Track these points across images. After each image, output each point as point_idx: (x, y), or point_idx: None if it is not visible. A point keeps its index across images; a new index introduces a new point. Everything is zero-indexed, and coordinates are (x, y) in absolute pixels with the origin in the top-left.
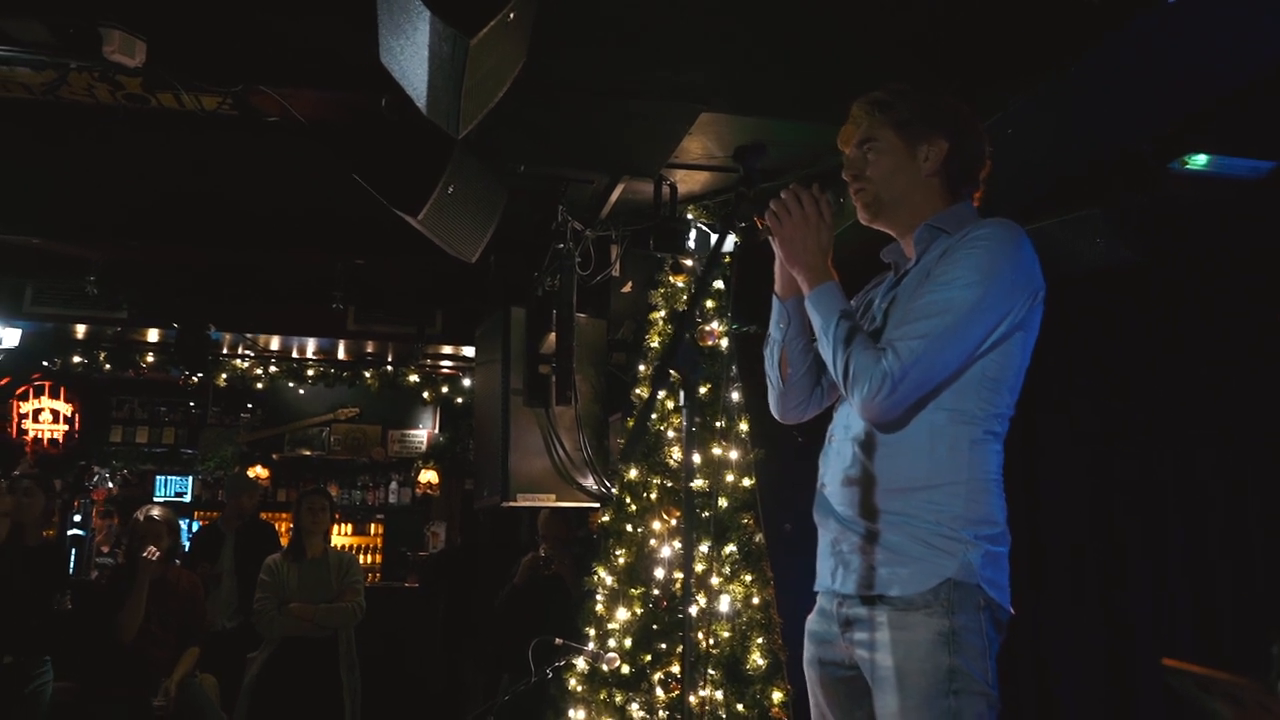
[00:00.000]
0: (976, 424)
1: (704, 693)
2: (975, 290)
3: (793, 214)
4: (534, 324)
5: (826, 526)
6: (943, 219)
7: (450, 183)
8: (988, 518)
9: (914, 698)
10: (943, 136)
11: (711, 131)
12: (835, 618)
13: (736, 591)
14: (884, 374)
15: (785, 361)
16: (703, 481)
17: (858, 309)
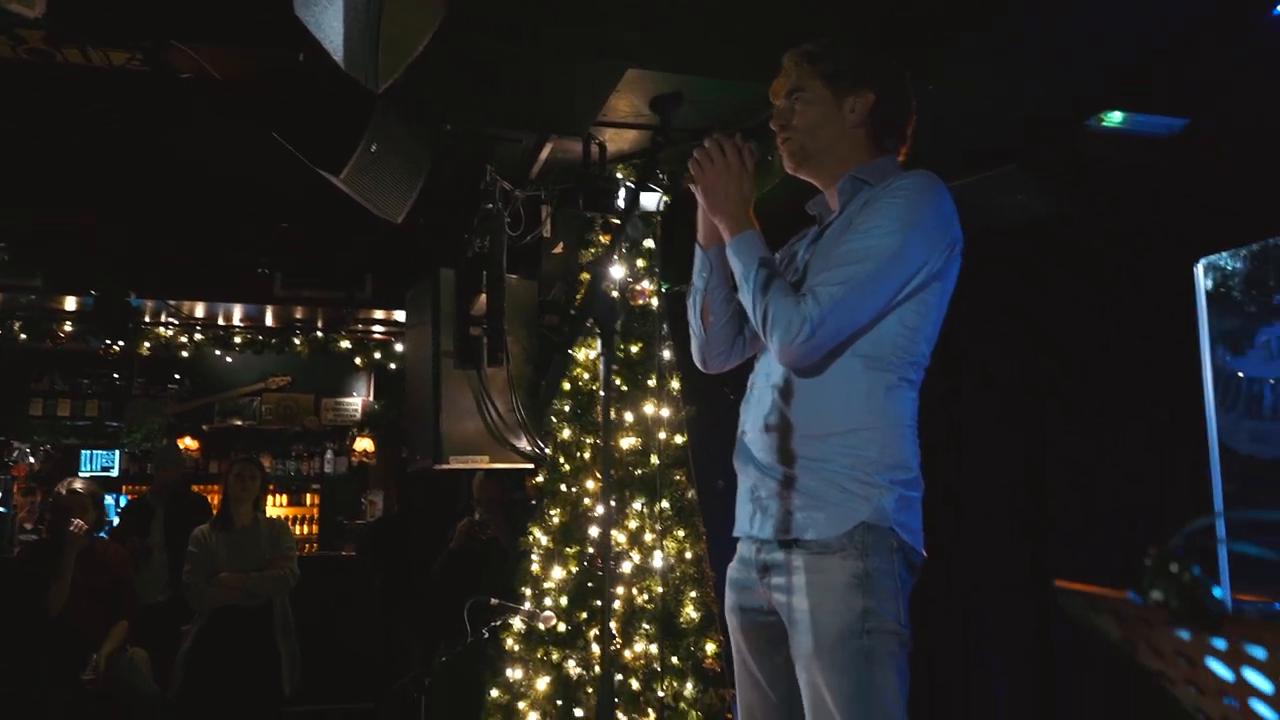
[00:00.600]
0: (892, 371)
1: (639, 647)
2: (895, 239)
3: (715, 162)
4: (464, 286)
5: (746, 473)
6: (866, 171)
7: (373, 141)
8: (902, 463)
9: (828, 638)
10: (870, 89)
11: (640, 89)
12: (754, 564)
13: (670, 547)
14: (803, 318)
15: (707, 310)
16: (635, 440)
17: (782, 260)
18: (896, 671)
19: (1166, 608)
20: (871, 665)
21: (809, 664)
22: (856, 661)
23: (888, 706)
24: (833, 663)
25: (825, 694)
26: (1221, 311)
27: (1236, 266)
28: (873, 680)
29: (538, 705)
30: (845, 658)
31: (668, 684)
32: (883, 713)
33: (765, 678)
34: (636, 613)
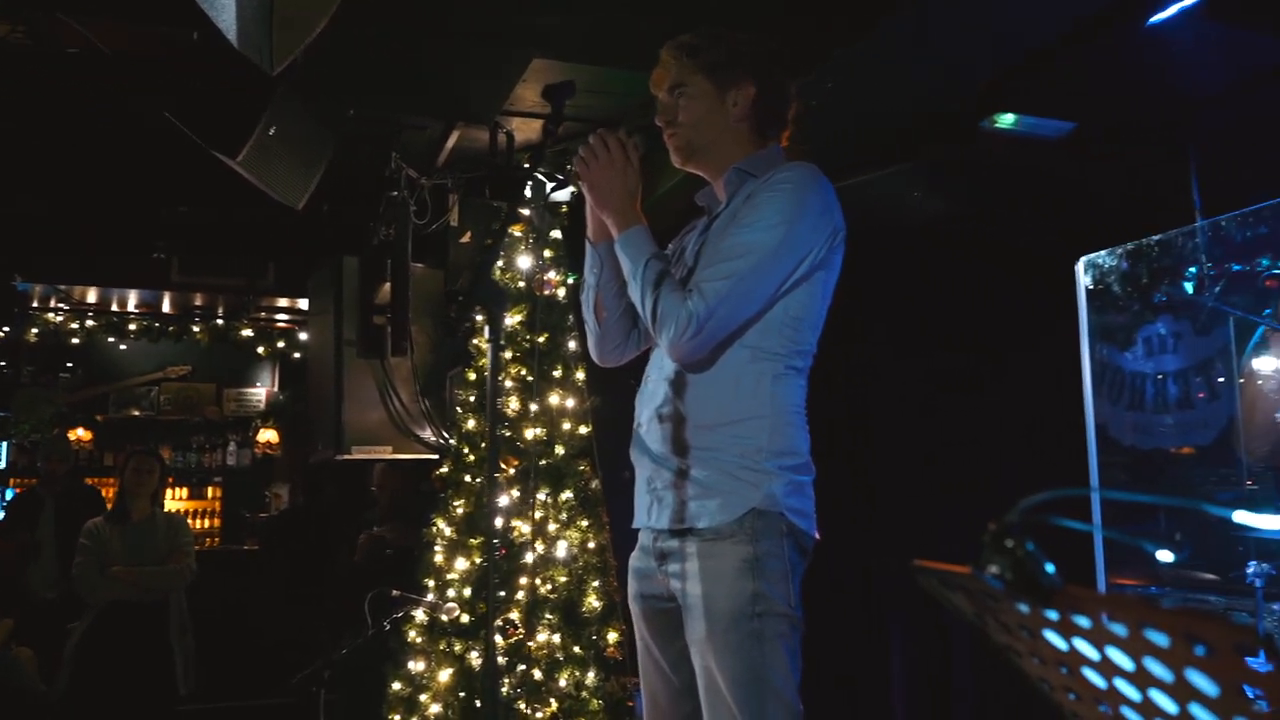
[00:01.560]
0: (779, 360)
1: (541, 637)
2: (777, 232)
3: (600, 158)
4: (368, 274)
5: (642, 465)
6: (750, 163)
7: (271, 124)
8: (791, 449)
9: (721, 622)
10: (750, 81)
11: (547, 79)
12: (652, 552)
13: (573, 537)
14: (690, 315)
15: (600, 306)
16: (541, 430)
17: (673, 254)
18: (787, 653)
19: (1003, 581)
20: (762, 647)
21: (702, 648)
22: (747, 644)
23: (777, 687)
24: (724, 646)
25: (717, 676)
26: (1104, 308)
27: (1113, 264)
28: (763, 662)
29: (439, 697)
30: (736, 640)
31: (570, 673)
32: (772, 693)
33: (668, 664)
34: (539, 602)
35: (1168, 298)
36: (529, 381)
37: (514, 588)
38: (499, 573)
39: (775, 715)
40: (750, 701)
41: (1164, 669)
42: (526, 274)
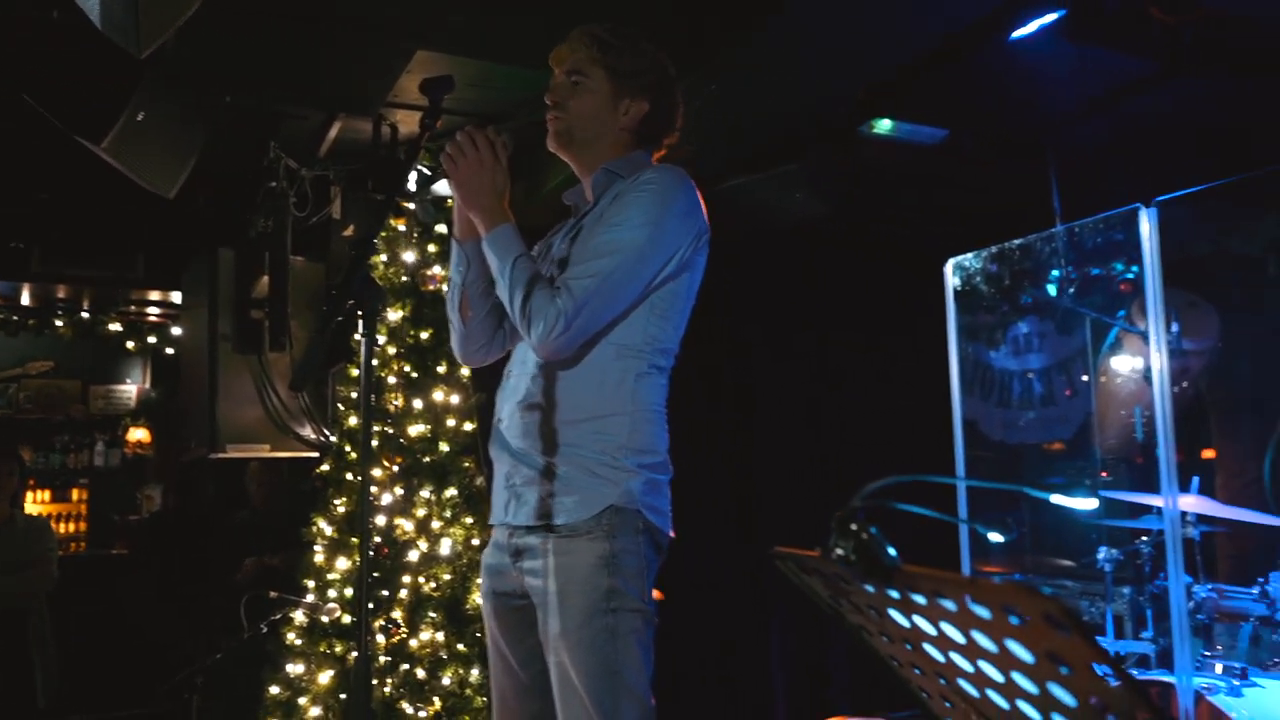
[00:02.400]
0: (642, 358)
1: (425, 635)
2: (644, 232)
3: (467, 156)
4: (245, 266)
5: (501, 460)
6: (619, 164)
7: (140, 109)
8: (650, 447)
9: (575, 618)
10: (646, 98)
11: (431, 72)
12: (507, 548)
13: (457, 534)
14: (558, 313)
15: (466, 305)
16: (425, 427)
17: (540, 252)
18: (640, 648)
19: (848, 563)
20: (615, 643)
21: (556, 644)
22: (600, 640)
23: (630, 682)
24: (578, 641)
25: (571, 672)
26: (973, 308)
27: (979, 266)
28: (616, 657)
29: (319, 700)
30: (590, 636)
31: (454, 671)
32: (625, 688)
33: (517, 661)
34: (423, 601)
35: (1033, 299)
36: (412, 378)
37: (397, 586)
38: (381, 572)
39: (628, 710)
40: (604, 696)
41: (988, 640)
42: (410, 268)
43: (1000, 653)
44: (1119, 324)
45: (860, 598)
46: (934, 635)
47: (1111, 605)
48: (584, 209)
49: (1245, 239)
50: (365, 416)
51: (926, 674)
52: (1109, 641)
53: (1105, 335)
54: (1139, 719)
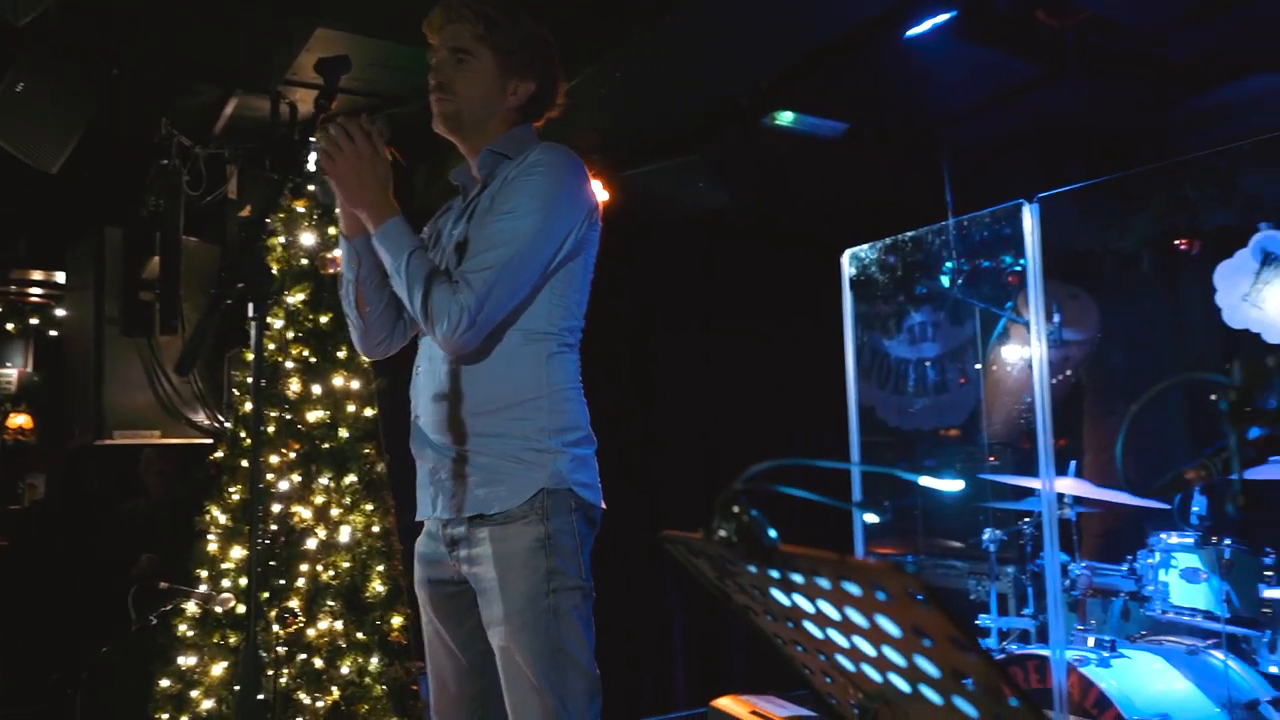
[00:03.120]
0: (550, 339)
1: (323, 624)
2: (536, 217)
3: (345, 151)
4: (134, 246)
5: (424, 457)
6: (504, 143)
7: (19, 80)
8: (572, 425)
9: (517, 602)
10: (533, 77)
11: (333, 50)
12: (441, 538)
13: (357, 521)
14: (461, 308)
15: (362, 300)
16: (324, 413)
17: (430, 237)
18: (581, 623)
19: (730, 545)
20: (559, 621)
21: (500, 629)
22: (544, 620)
23: (576, 657)
24: (522, 625)
25: (516, 655)
26: (871, 297)
27: (874, 257)
28: (561, 635)
29: (213, 692)
30: (533, 618)
31: (353, 660)
32: (572, 663)
33: (457, 644)
34: (321, 589)
35: (927, 289)
36: (311, 362)
37: (294, 575)
38: (278, 560)
39: (576, 684)
40: (551, 674)
41: (860, 616)
42: (310, 251)
43: (871, 628)
44: (1006, 315)
45: (744, 578)
46: (812, 613)
47: (996, 584)
48: (473, 189)
49: (1123, 235)
50: (256, 402)
51: (808, 651)
52: (993, 618)
53: (994, 325)
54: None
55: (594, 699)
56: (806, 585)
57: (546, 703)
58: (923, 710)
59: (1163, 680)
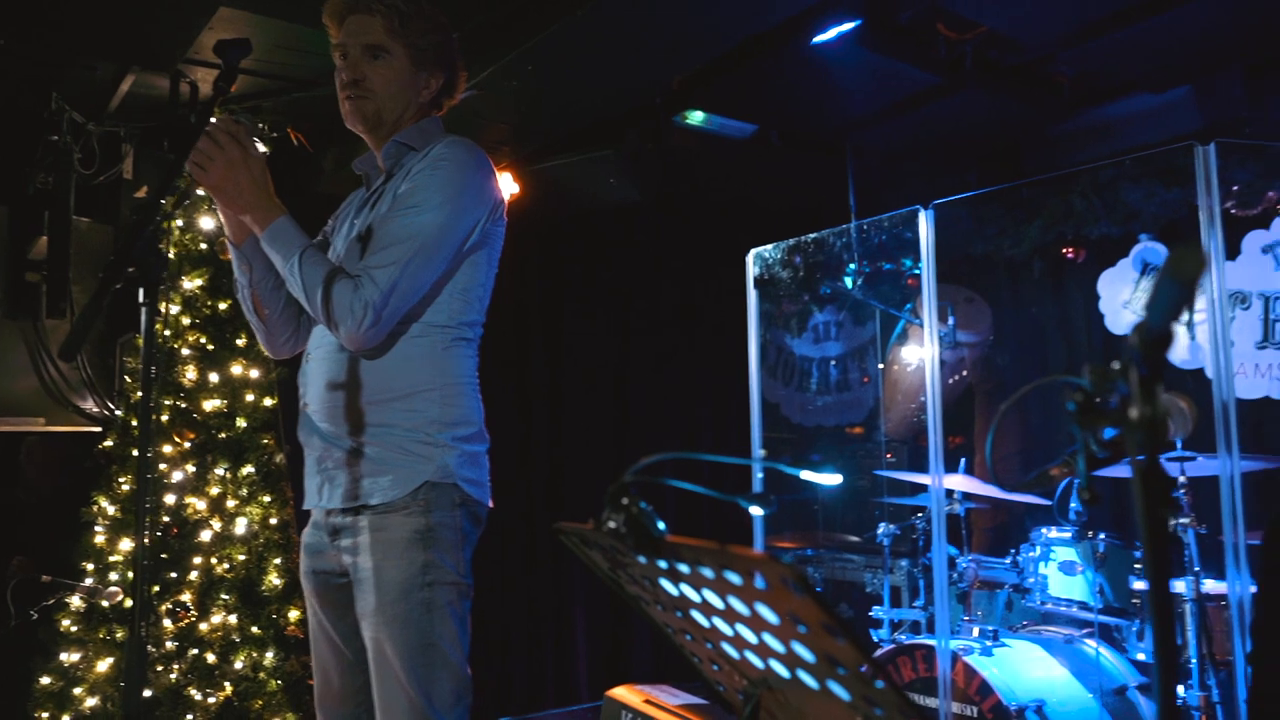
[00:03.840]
0: (448, 332)
1: (216, 618)
2: (441, 213)
3: (216, 159)
4: (21, 226)
5: (311, 445)
6: (410, 135)
7: None
8: (464, 419)
9: (391, 593)
10: (441, 71)
11: (236, 30)
12: (325, 528)
13: (254, 513)
14: (365, 304)
15: (260, 304)
16: (221, 402)
17: (333, 229)
18: (456, 620)
19: (620, 536)
20: (431, 616)
21: (373, 620)
22: (416, 614)
23: (447, 655)
24: (394, 616)
25: (386, 647)
26: (776, 296)
27: (778, 257)
28: (432, 630)
29: (98, 689)
30: (406, 611)
31: (247, 654)
32: (441, 660)
33: (340, 637)
34: (215, 583)
35: (831, 290)
36: (209, 350)
37: (187, 568)
38: (170, 553)
39: (443, 682)
40: (419, 670)
41: (742, 604)
42: (210, 235)
43: (752, 615)
44: (905, 317)
45: (635, 569)
46: (698, 602)
47: (890, 577)
48: (376, 179)
49: (1016, 242)
50: (145, 389)
51: (696, 639)
52: (886, 610)
53: (895, 326)
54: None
55: (462, 698)
56: (692, 575)
57: (413, 699)
58: (801, 694)
59: (1041, 668)
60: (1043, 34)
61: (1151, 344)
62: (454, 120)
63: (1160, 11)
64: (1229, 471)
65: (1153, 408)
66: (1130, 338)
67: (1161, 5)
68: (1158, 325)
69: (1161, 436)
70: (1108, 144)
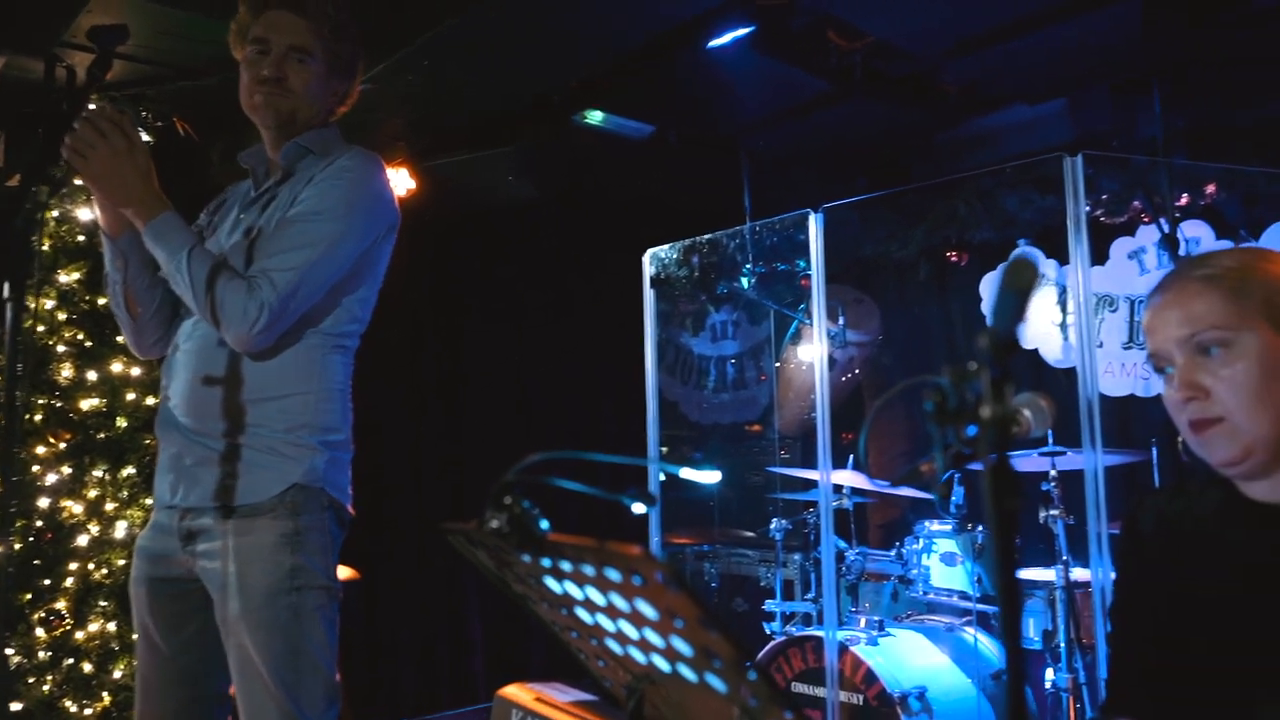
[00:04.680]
0: (328, 339)
1: (94, 626)
2: (341, 223)
3: (98, 148)
4: None
5: (170, 440)
6: (311, 139)
7: None
8: (335, 425)
9: (257, 598)
10: (350, 79)
11: (116, 14)
12: (175, 532)
13: (135, 516)
14: (261, 305)
15: (133, 301)
16: (99, 400)
17: (215, 221)
18: (325, 624)
19: (503, 535)
20: (300, 621)
21: (236, 626)
22: (284, 619)
23: (316, 660)
24: (260, 622)
25: (253, 653)
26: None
27: (674, 257)
28: (301, 635)
29: None
30: (273, 616)
31: (126, 663)
32: (310, 666)
33: (171, 650)
34: (92, 589)
35: (728, 290)
36: (86, 346)
37: (62, 575)
38: (43, 559)
39: (313, 687)
40: (287, 675)
41: (623, 600)
42: (87, 227)
43: (632, 612)
44: (798, 317)
45: (520, 567)
46: (582, 599)
47: (783, 570)
48: (269, 177)
49: (903, 245)
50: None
51: (582, 636)
52: (779, 603)
53: (789, 326)
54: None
55: (333, 704)
56: (574, 573)
57: (283, 706)
58: (682, 688)
59: (923, 656)
60: (929, 46)
61: (999, 348)
62: (351, 113)
63: (1037, 29)
64: (1093, 466)
65: (1003, 407)
66: (979, 342)
67: (1038, 23)
68: (1003, 331)
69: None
70: (989, 152)
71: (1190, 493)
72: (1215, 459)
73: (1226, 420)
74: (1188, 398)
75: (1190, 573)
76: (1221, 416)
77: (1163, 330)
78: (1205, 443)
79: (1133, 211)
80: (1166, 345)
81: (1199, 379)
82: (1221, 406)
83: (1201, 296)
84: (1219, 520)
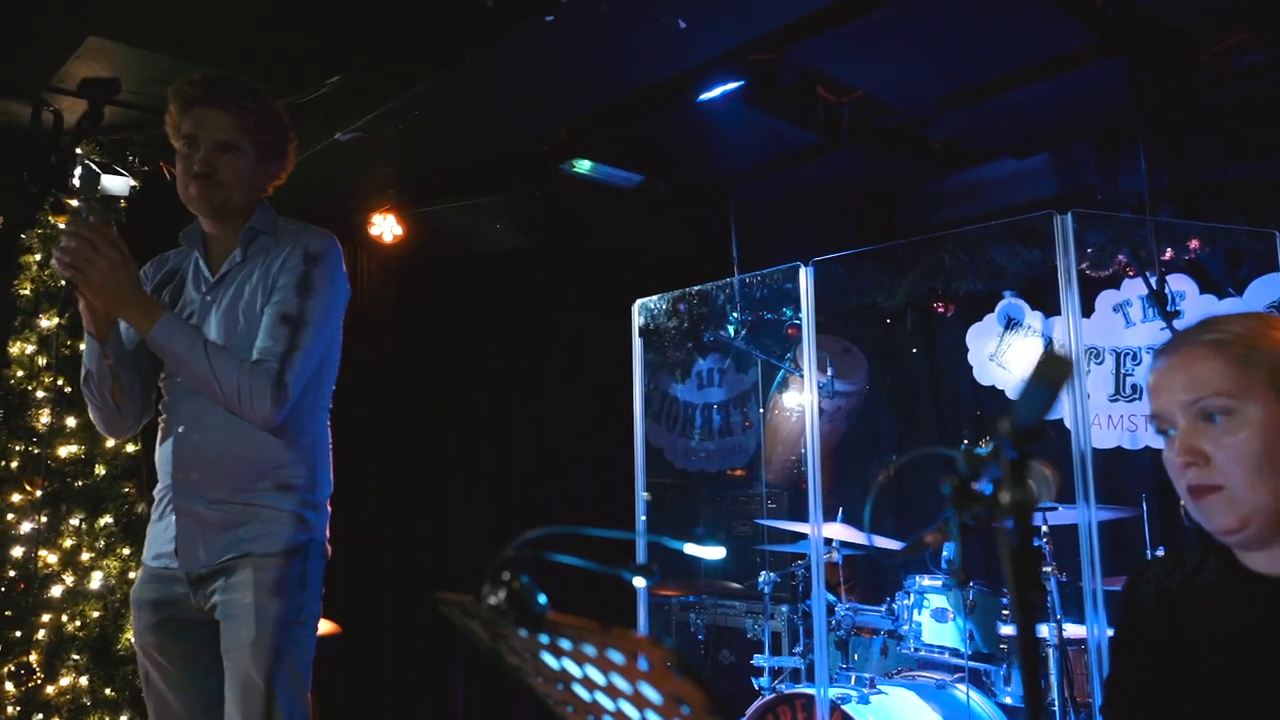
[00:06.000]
0: (316, 404)
1: (65, 680)
2: (324, 302)
3: (95, 263)
4: None
5: (190, 514)
6: (261, 220)
7: None
8: (327, 481)
9: (269, 625)
10: (282, 161)
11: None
12: (182, 580)
13: (112, 567)
14: (284, 387)
15: (119, 392)
16: (78, 447)
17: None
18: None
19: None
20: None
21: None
22: (290, 646)
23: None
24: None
25: (257, 678)
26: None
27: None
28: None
29: None
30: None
31: (99, 719)
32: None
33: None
34: (65, 642)
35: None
36: (66, 392)
37: (34, 627)
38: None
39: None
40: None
41: (625, 682)
42: None
43: (635, 693)
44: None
45: (516, 642)
46: (580, 677)
47: (770, 623)
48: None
49: (890, 296)
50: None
51: (578, 711)
52: (767, 658)
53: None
54: None
55: None
56: (574, 651)
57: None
58: None
59: (915, 714)
60: (916, 100)
61: (1020, 436)
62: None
63: (1023, 85)
64: (1087, 520)
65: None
66: (1001, 427)
67: (1023, 79)
68: (1027, 421)
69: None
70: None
71: (1188, 563)
72: (1212, 525)
73: (1225, 489)
74: (1188, 463)
75: (1190, 645)
76: (1220, 485)
77: (1167, 393)
78: (1203, 509)
79: (1117, 265)
80: (1170, 408)
81: (1200, 445)
82: (1221, 475)
83: (1207, 362)
84: (1219, 591)
